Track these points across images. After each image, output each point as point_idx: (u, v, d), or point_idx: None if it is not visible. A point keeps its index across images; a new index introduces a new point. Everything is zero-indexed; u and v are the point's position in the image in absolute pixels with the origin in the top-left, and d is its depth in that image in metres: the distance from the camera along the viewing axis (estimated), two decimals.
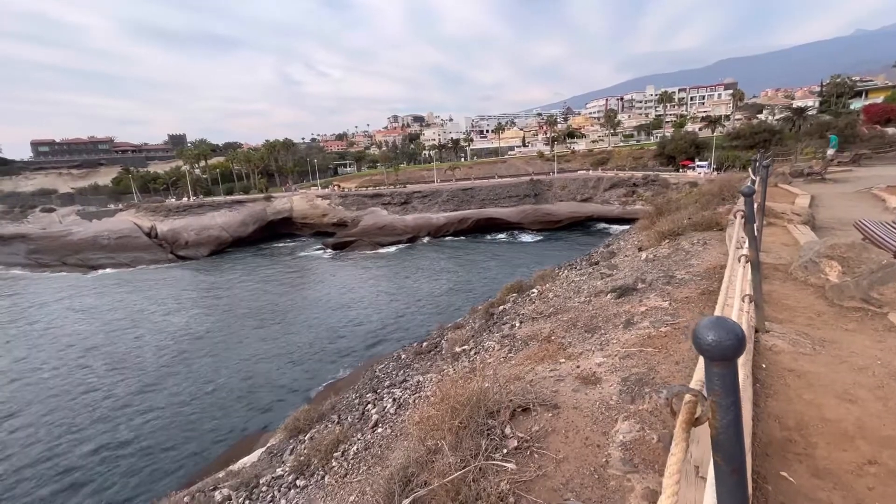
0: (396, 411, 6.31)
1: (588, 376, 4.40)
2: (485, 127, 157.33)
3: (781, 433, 3.00)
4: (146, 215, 63.02)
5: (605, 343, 5.25)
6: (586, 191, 63.14)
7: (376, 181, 77.06)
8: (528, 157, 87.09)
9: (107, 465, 16.36)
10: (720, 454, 1.12)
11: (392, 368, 11.95)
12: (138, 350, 27.10)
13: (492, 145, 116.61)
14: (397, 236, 56.96)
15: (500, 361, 5.75)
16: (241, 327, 30.45)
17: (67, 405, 20.84)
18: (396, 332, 27.67)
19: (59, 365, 25.56)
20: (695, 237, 9.76)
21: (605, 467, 3.09)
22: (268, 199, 67.45)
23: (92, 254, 54.63)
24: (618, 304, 6.55)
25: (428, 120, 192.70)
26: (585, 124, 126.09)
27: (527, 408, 4.03)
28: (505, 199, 62.63)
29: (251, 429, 18.00)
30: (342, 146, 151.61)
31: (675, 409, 1.19)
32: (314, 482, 5.26)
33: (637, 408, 3.68)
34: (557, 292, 9.59)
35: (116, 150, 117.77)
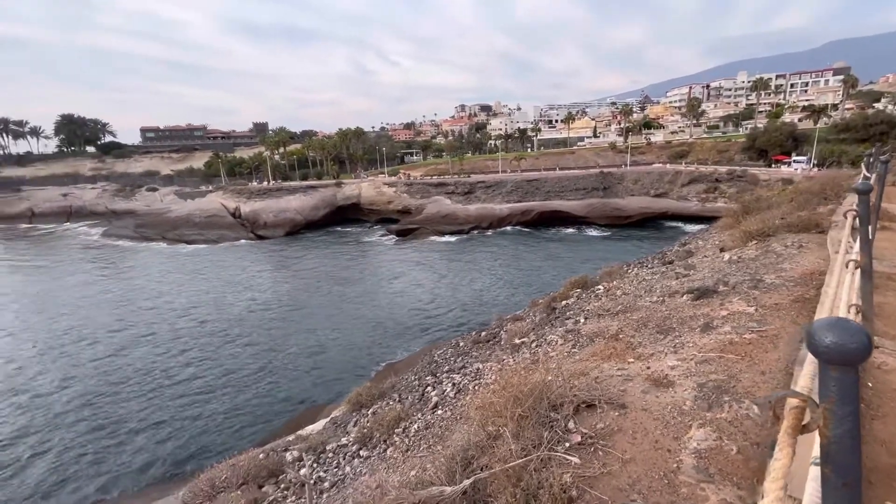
0: (456, 395, 6.43)
1: (659, 378, 4.19)
2: (554, 116, 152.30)
3: (889, 459, 2.68)
4: (231, 197, 68.69)
5: (679, 346, 4.96)
6: (661, 185, 59.25)
7: (441, 170, 77.76)
8: (598, 149, 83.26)
9: (188, 421, 18.34)
10: (831, 466, 1.04)
11: (450, 355, 12.16)
12: (220, 319, 29.86)
13: (560, 136, 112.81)
14: (459, 225, 57.28)
15: (564, 356, 5.64)
16: (310, 304, 32.45)
17: (163, 361, 23.57)
18: (454, 319, 28.04)
19: (157, 328, 28.90)
20: (788, 239, 8.84)
21: (677, 473, 2.96)
22: (338, 185, 70.68)
23: (186, 230, 60.74)
24: (695, 307, 6.15)
25: (495, 109, 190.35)
26: (664, 114, 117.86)
27: (592, 404, 3.94)
28: (571, 192, 60.51)
29: (315, 400, 19.25)
30: (410, 135, 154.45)
31: (779, 415, 1.12)
32: (377, 454, 5.55)
33: (714, 416, 3.46)
34: (626, 290, 9.17)
35: (209, 137, 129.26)
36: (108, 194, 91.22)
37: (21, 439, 17.53)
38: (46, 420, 18.76)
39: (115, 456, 16.29)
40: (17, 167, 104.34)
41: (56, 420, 18.76)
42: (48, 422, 18.63)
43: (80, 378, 22.26)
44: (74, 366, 23.70)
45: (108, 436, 17.49)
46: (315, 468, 5.92)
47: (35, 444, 17.20)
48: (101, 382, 21.73)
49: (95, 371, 22.94)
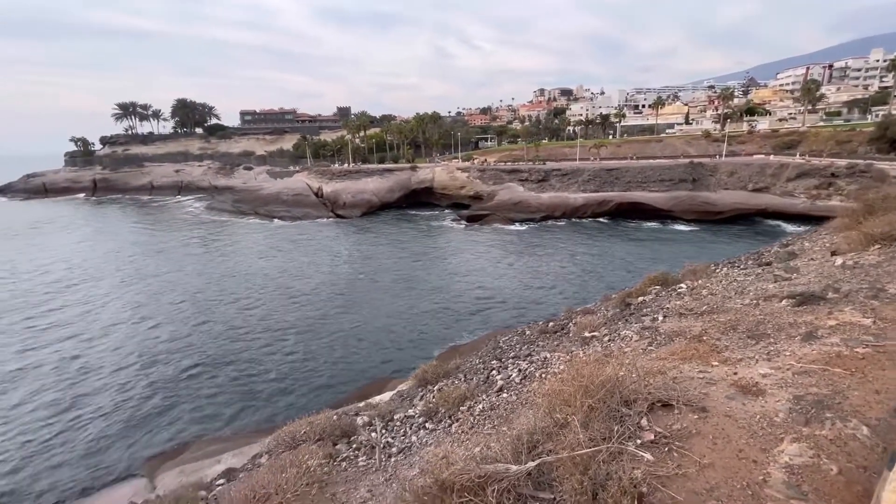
0: (521, 381, 6.45)
1: (748, 385, 3.88)
2: (641, 101, 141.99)
3: None
4: (315, 177, 73.27)
5: (773, 353, 4.54)
6: (762, 179, 53.22)
7: (516, 156, 76.40)
8: (690, 137, 76.52)
9: (270, 378, 20.22)
10: None
11: (516, 342, 12.12)
12: (300, 289, 32.31)
13: (647, 122, 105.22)
14: (531, 214, 56.17)
15: (639, 353, 5.40)
16: (380, 282, 33.95)
17: (248, 322, 26.14)
18: (520, 308, 27.80)
19: (245, 292, 32.01)
20: None
21: (762, 486, 2.75)
22: (413, 169, 72.37)
23: (275, 206, 66.05)
24: (796, 313, 5.55)
25: (577, 93, 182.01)
26: (773, 98, 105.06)
27: (668, 404, 3.76)
28: (655, 183, 56.47)
29: (381, 373, 20.28)
30: (485, 120, 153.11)
31: None
32: (442, 427, 5.78)
33: (812, 431, 3.15)
34: (713, 290, 8.48)
35: (298, 120, 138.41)
36: (212, 172, 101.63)
37: (135, 375, 20.55)
38: (149, 360, 21.81)
39: (207, 403, 18.53)
40: (142, 145, 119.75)
41: (156, 360, 21.74)
42: (151, 362, 21.63)
43: (176, 330, 25.44)
44: (179, 322, 27.11)
45: (201, 383, 19.91)
46: (384, 434, 6.31)
47: (143, 380, 20.07)
48: (193, 336, 24.67)
49: (197, 329, 26.05)
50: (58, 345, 24.39)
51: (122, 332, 25.83)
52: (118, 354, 23.07)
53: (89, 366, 21.97)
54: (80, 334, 25.71)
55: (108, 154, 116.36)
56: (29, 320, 27.95)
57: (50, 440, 16.78)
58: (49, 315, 28.81)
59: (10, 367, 22.05)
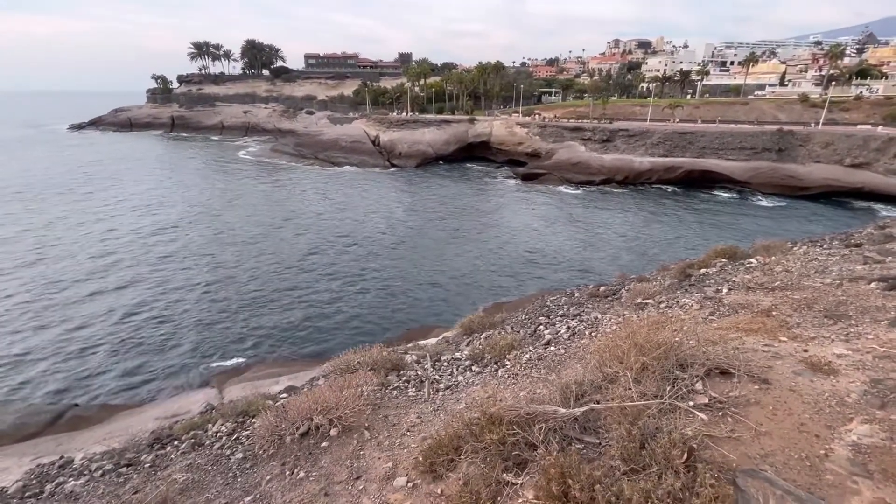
0: (570, 338, 6.49)
1: (819, 363, 3.69)
2: (730, 57, 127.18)
3: None
4: (373, 125, 73.54)
5: (853, 335, 4.24)
6: (863, 153, 47.04)
7: (580, 113, 72.13)
8: (783, 101, 68.24)
9: (327, 315, 21.60)
10: None
11: (564, 303, 12.07)
12: (356, 236, 33.56)
13: (734, 81, 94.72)
14: (590, 176, 53.65)
15: (699, 321, 5.22)
16: (431, 235, 34.43)
17: (312, 261, 27.75)
18: (570, 271, 27.34)
19: (308, 234, 33.73)
20: None
21: (823, 460, 2.69)
22: (471, 122, 70.57)
23: (334, 153, 67.54)
24: (885, 297, 5.09)
25: (656, 46, 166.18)
26: (894, 59, 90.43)
27: (727, 372, 3.67)
28: (734, 151, 51.59)
29: (427, 320, 21.03)
30: (552, 72, 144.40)
31: None
32: (488, 371, 6.02)
33: (888, 415, 2.98)
34: (789, 267, 7.89)
35: (359, 66, 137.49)
36: (276, 115, 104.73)
37: (206, 298, 22.72)
38: (220, 286, 23.91)
39: (267, 331, 20.24)
40: (214, 85, 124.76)
41: (224, 287, 23.81)
42: (220, 288, 23.72)
43: (249, 266, 27.51)
44: (246, 257, 29.26)
45: (262, 312, 21.69)
46: (432, 371, 6.67)
47: (213, 304, 22.16)
48: (264, 274, 26.61)
49: (261, 264, 28.05)
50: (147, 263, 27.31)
51: (196, 260, 28.37)
52: (193, 278, 25.50)
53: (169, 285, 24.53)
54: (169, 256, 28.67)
55: (184, 93, 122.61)
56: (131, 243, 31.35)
57: (139, 344, 19.22)
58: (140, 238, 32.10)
59: (114, 277, 25.09)
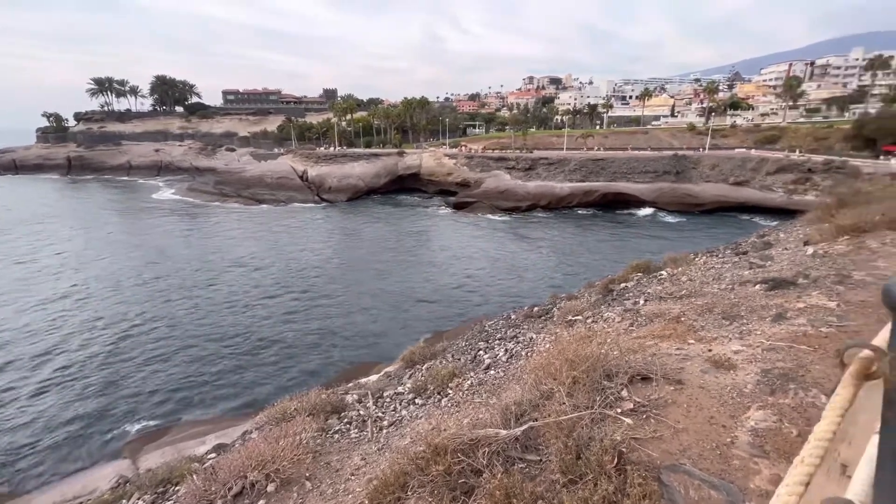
0: (508, 360, 6.69)
1: (721, 360, 4.16)
2: (628, 92, 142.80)
3: None
4: (301, 160, 72.08)
5: (745, 333, 4.84)
6: (742, 173, 54.45)
7: (503, 144, 76.30)
8: (674, 129, 77.49)
9: (254, 365, 20.22)
10: (894, 410, 1.13)
11: (502, 326, 12.40)
12: (285, 276, 32.13)
13: (634, 113, 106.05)
14: (517, 202, 56.47)
15: (620, 333, 5.66)
16: (366, 269, 33.94)
17: (229, 312, 25.96)
18: (505, 295, 28.19)
19: (228, 280, 31.67)
20: (888, 236, 8.03)
21: (730, 447, 3.01)
22: (400, 155, 71.77)
23: (259, 190, 64.91)
24: (768, 297, 5.88)
25: (565, 82, 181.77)
26: (756, 93, 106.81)
27: (647, 377, 4.01)
28: (640, 174, 57.29)
29: (367, 357, 20.47)
30: (474, 107, 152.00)
31: (846, 362, 1.21)
32: (431, 402, 5.98)
33: (777, 400, 3.43)
34: (692, 276, 8.84)
35: (282, 101, 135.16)
36: (193, 152, 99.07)
37: (112, 359, 20.33)
38: (127, 345, 21.56)
39: (187, 388, 18.48)
40: (119, 123, 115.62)
41: (133, 345, 21.50)
42: (128, 347, 21.40)
43: (162, 317, 25.13)
44: (160, 307, 26.75)
45: (182, 369, 19.81)
46: (374, 409, 6.49)
47: (120, 364, 19.88)
48: (181, 323, 24.43)
49: (178, 312, 25.76)
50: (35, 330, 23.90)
51: (99, 317, 25.40)
52: (96, 337, 22.73)
53: (68, 347, 21.62)
54: (60, 317, 25.22)
55: (83, 131, 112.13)
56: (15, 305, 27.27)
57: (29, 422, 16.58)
58: (27, 303, 28.13)
59: None
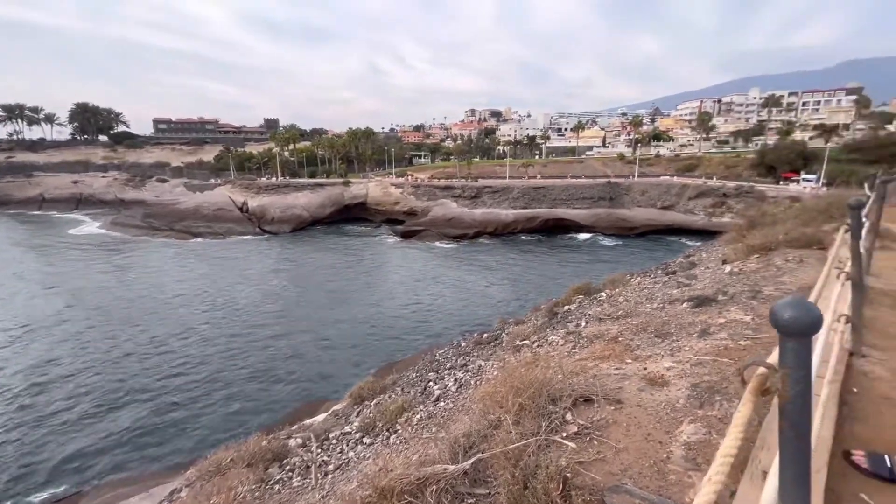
0: (458, 390, 6.63)
1: (655, 378, 4.38)
2: (563, 125, 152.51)
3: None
4: (240, 191, 69.33)
5: (676, 349, 5.15)
6: (668, 198, 59.26)
7: (449, 174, 78.12)
8: (606, 159, 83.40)
9: (189, 413, 18.59)
10: (787, 421, 1.25)
11: (452, 354, 12.35)
12: (223, 312, 30.19)
13: (569, 144, 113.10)
14: (464, 229, 57.51)
15: (564, 356, 5.83)
16: (312, 302, 32.73)
17: (164, 353, 23.88)
18: (455, 322, 28.20)
19: (161, 320, 29.24)
20: (790, 254, 8.99)
21: (666, 462, 3.14)
22: (346, 184, 71.20)
23: (194, 222, 61.34)
24: (694, 314, 6.33)
25: (505, 115, 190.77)
26: (674, 127, 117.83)
27: (589, 399, 4.13)
28: (578, 201, 60.65)
29: (315, 395, 19.46)
30: (419, 137, 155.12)
31: (746, 380, 1.32)
32: (380, 440, 5.75)
33: (705, 413, 3.64)
34: (628, 297, 9.35)
35: (220, 131, 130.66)
36: (119, 184, 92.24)
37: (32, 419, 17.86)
38: (41, 400, 19.10)
39: (108, 444, 16.57)
40: (30, 153, 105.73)
41: (49, 399, 19.09)
42: (43, 402, 18.97)
43: (80, 365, 22.61)
44: (78, 354, 24.08)
45: (111, 422, 17.78)
46: (319, 453, 6.13)
47: (41, 425, 17.52)
48: (103, 370, 22.06)
49: (100, 359, 23.29)
50: None
51: (8, 370, 22.36)
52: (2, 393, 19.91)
53: None
54: None
55: None
56: None
57: None
58: None
59: None
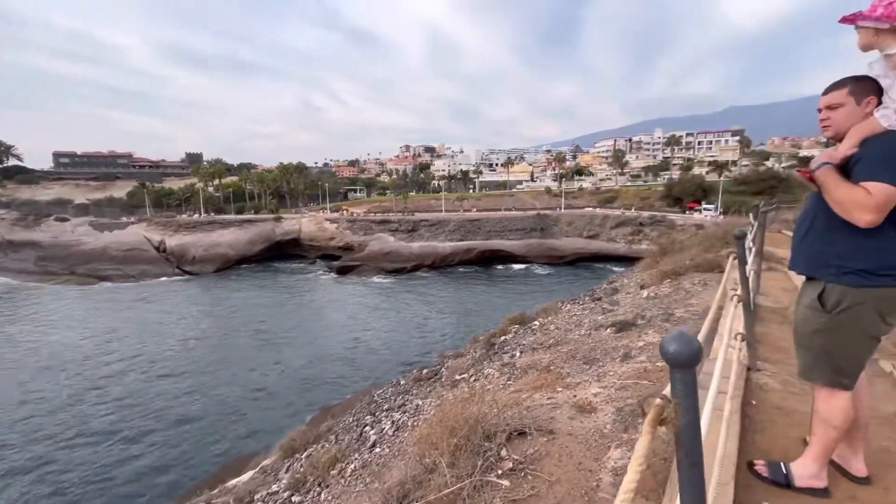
0: (395, 433, 6.38)
1: (584, 405, 4.52)
2: (494, 160, 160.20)
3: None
4: (157, 229, 64.06)
5: (602, 374, 5.38)
6: (593, 228, 63.61)
7: (385, 208, 78.22)
8: (535, 192, 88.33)
9: (98, 481, 16.16)
10: (682, 450, 1.33)
11: (391, 394, 11.96)
12: (136, 363, 27.09)
13: (500, 178, 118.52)
14: (402, 263, 57.29)
15: (499, 388, 5.86)
16: (239, 346, 30.43)
17: (64, 420, 20.75)
18: (396, 359, 27.52)
19: (62, 374, 25.56)
20: (696, 278, 9.93)
21: (596, 490, 3.20)
22: (277, 220, 68.52)
23: (101, 264, 55.30)
24: (617, 339, 6.69)
25: (439, 151, 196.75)
26: (593, 162, 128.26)
27: (523, 432, 4.15)
28: (511, 232, 63.16)
29: (242, 451, 17.77)
30: (354, 172, 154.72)
31: (646, 412, 1.39)
32: (310, 498, 5.31)
33: (630, 436, 3.80)
34: (559, 325, 9.72)
35: (135, 165, 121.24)
36: (7, 223, 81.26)
37: None
38: None
39: None
40: None
41: None
42: None
43: None
44: None
45: None
46: None
47: None
48: None
49: None
50: None
51: None
52: None
53: None
54: None
55: None
56: None
57: None
58: None
59: None
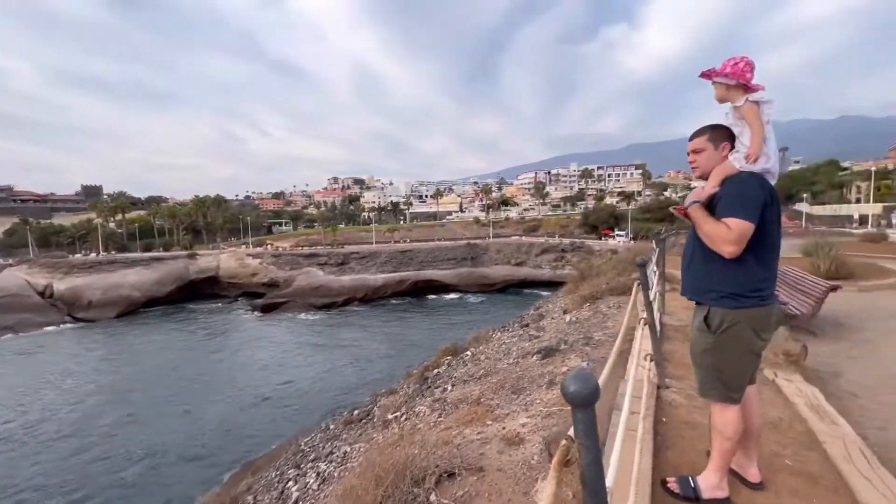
0: (320, 486, 5.89)
1: (512, 437, 4.51)
2: (424, 192, 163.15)
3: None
4: (42, 272, 55.98)
5: (529, 403, 5.44)
6: (520, 255, 66.35)
7: (313, 241, 75.64)
8: (465, 222, 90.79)
9: None
10: (587, 489, 1.33)
11: (319, 441, 11.18)
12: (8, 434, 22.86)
13: (430, 210, 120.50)
14: (333, 297, 55.24)
15: (430, 426, 5.70)
16: (144, 400, 26.98)
17: None
18: (327, 400, 25.97)
19: None
20: (611, 301, 10.63)
21: None
22: (191, 257, 63.23)
23: None
24: (542, 365, 6.87)
25: (368, 183, 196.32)
26: (518, 194, 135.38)
27: (452, 473, 4.02)
28: (443, 262, 63.89)
29: None
30: (279, 205, 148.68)
31: (552, 453, 1.39)
32: None
33: None
34: (489, 354, 9.81)
35: (15, 199, 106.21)
36: None
37: None
38: None
39: None
40: None
41: None
42: None
43: None
44: None
45: None
46: None
47: None
48: None
49: None
50: None
51: None
52: None
53: None
54: None
55: None
56: None
57: None
58: None
59: None
